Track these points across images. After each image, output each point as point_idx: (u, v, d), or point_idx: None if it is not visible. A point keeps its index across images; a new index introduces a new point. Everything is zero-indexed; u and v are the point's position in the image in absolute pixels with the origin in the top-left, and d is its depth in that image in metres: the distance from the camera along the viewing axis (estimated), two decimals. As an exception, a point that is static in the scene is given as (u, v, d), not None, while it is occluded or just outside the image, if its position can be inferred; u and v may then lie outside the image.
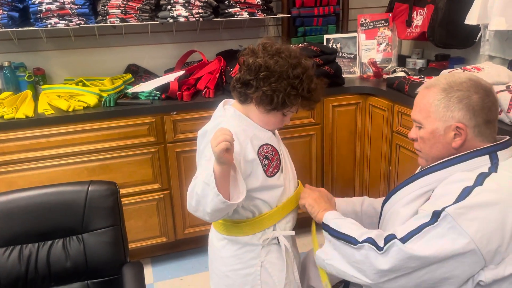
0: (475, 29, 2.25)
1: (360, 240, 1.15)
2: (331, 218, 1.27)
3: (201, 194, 1.14)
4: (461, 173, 1.14)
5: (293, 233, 1.37)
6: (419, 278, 1.07)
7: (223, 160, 1.08)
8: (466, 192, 1.06)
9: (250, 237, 1.30)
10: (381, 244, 1.10)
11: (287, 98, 1.20)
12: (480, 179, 1.09)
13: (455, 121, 1.16)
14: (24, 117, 2.05)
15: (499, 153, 1.16)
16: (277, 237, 1.32)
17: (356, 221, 1.42)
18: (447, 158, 1.19)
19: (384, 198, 1.50)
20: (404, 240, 1.07)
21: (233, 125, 1.21)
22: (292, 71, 1.20)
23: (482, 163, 1.15)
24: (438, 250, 1.03)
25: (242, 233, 1.30)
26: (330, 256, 1.23)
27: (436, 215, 1.06)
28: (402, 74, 2.52)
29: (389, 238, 1.09)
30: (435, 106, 1.18)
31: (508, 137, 1.21)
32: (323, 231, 1.27)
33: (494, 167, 1.14)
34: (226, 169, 1.11)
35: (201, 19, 2.40)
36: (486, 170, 1.13)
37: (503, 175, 1.11)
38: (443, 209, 1.05)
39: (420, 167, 1.36)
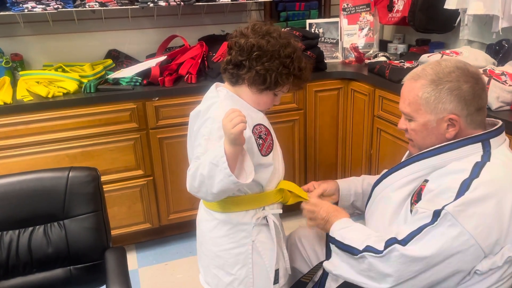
0: (455, 13, 2.28)
1: (360, 249, 1.14)
2: (337, 230, 1.25)
3: (207, 175, 1.14)
4: (456, 163, 1.14)
5: (280, 211, 1.39)
6: (426, 280, 1.08)
7: (239, 142, 1.10)
8: (465, 186, 1.06)
9: (242, 216, 1.32)
10: (380, 247, 1.10)
11: (279, 77, 1.23)
12: (476, 170, 1.08)
13: (448, 112, 1.14)
14: (2, 103, 2.01)
15: (491, 140, 1.15)
16: (266, 217, 1.34)
17: (360, 204, 1.44)
18: (439, 145, 1.17)
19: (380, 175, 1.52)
20: (405, 241, 1.07)
21: (228, 105, 1.22)
22: (283, 51, 1.22)
23: (474, 150, 1.14)
24: (439, 249, 1.04)
25: (237, 209, 1.31)
26: (338, 266, 1.22)
27: (436, 215, 1.05)
28: (383, 59, 2.54)
29: (390, 242, 1.09)
30: (425, 99, 1.15)
31: (501, 122, 1.20)
32: (330, 244, 1.26)
33: (486, 155, 1.13)
34: (239, 150, 1.13)
35: (182, 3, 2.37)
36: (479, 158, 1.12)
37: (496, 164, 1.11)
38: (443, 208, 1.05)
39: (408, 152, 1.37)
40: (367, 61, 2.60)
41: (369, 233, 1.19)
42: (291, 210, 1.46)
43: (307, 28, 2.76)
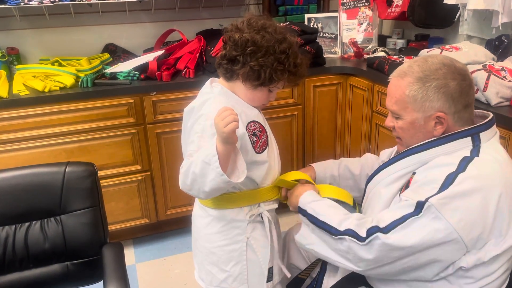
0: (454, 8, 2.27)
1: (340, 229, 1.14)
2: (307, 202, 1.25)
3: (199, 173, 1.13)
4: (444, 157, 1.13)
5: (276, 206, 1.38)
6: (403, 265, 1.09)
7: (231, 141, 1.09)
8: (449, 180, 1.06)
9: (237, 213, 1.31)
10: (362, 233, 1.10)
11: (274, 73, 1.21)
12: (463, 164, 1.08)
13: (435, 110, 1.13)
14: (-2, 98, 2.00)
15: (481, 134, 1.14)
16: (261, 214, 1.33)
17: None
18: (428, 140, 1.17)
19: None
20: (387, 229, 1.07)
21: (222, 102, 1.21)
22: (278, 46, 1.20)
23: (464, 145, 1.13)
24: (421, 240, 1.04)
25: (231, 206, 1.30)
26: (311, 241, 1.22)
27: (420, 206, 1.05)
28: (382, 54, 2.53)
29: (372, 230, 1.09)
30: (412, 97, 1.14)
31: (491, 115, 1.19)
32: (300, 215, 1.26)
33: (476, 150, 1.12)
34: (231, 148, 1.12)
35: (180, -3, 2.35)
36: (468, 153, 1.11)
37: (485, 160, 1.10)
38: (426, 200, 1.05)
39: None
40: (366, 56, 2.59)
41: (345, 212, 1.20)
42: (288, 206, 1.45)
43: (306, 23, 2.74)
